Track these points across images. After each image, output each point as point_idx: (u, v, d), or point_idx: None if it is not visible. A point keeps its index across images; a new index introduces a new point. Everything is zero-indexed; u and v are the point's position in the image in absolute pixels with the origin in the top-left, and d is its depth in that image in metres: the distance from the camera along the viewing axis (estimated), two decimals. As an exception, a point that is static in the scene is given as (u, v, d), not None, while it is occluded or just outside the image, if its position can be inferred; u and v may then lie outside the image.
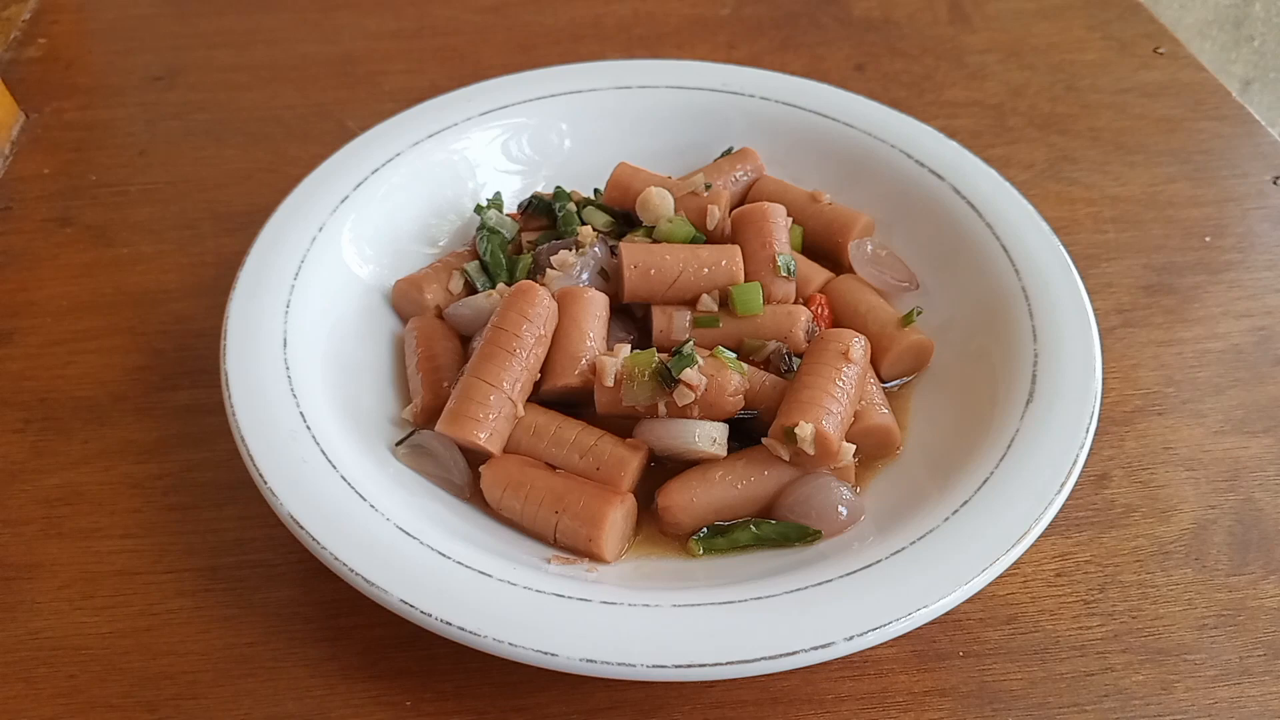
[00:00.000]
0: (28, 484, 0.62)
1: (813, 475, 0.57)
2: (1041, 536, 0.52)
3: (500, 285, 0.66)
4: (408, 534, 0.52)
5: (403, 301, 0.67)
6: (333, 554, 0.50)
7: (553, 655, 0.47)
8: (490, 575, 0.51)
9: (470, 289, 0.67)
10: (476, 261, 0.68)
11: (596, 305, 0.61)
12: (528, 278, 0.65)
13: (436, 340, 0.63)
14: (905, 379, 0.65)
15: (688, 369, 0.56)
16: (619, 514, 0.55)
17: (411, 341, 0.64)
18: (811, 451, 0.55)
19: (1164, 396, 0.67)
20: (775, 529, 0.56)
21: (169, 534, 0.59)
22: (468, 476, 0.58)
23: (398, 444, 0.59)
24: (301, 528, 0.51)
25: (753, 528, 0.56)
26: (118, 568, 0.57)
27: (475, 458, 0.59)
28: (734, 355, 0.59)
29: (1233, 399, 0.67)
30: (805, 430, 0.54)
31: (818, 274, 0.68)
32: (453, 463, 0.58)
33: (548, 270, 0.64)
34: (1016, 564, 0.51)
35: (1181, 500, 0.61)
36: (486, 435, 0.56)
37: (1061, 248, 0.65)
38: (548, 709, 0.52)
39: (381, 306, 0.68)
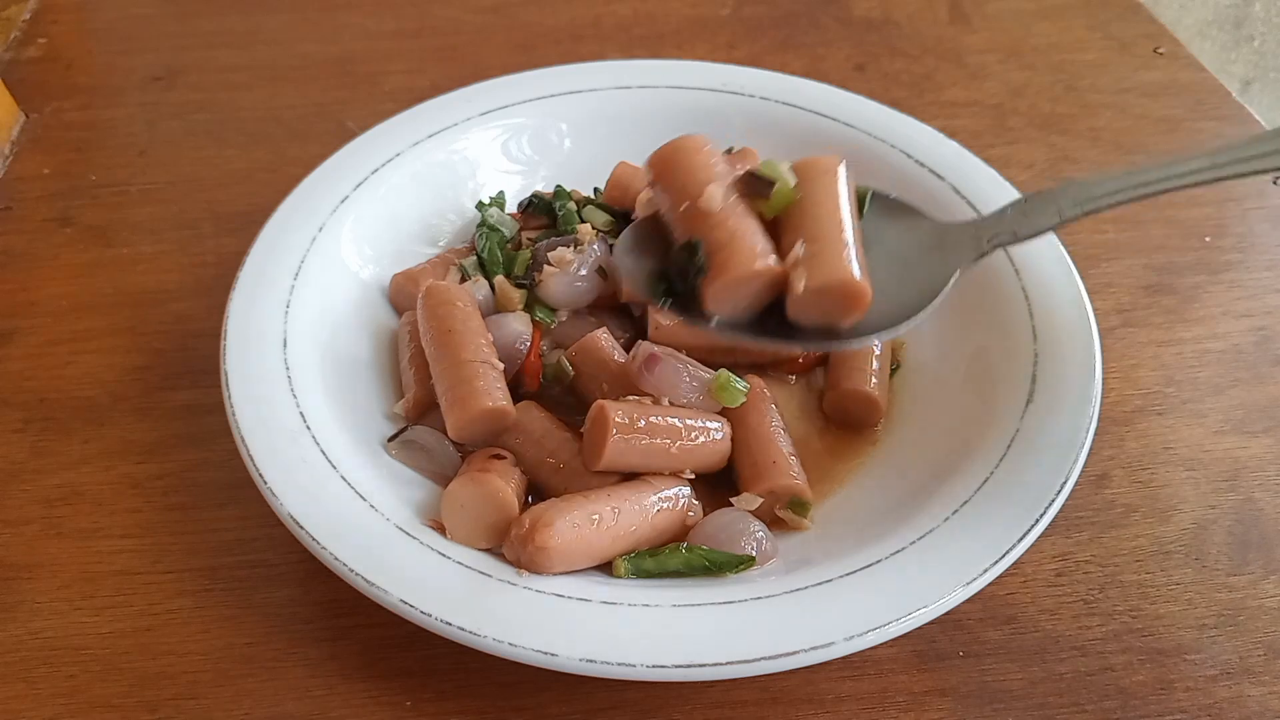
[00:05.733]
0: (28, 484, 0.62)
1: (720, 512, 0.56)
2: (1041, 536, 0.52)
3: (498, 279, 0.66)
4: (408, 534, 0.52)
5: (399, 296, 0.67)
6: (333, 554, 0.50)
7: (553, 655, 0.47)
8: (490, 575, 0.51)
9: (466, 284, 0.68)
10: (474, 257, 0.68)
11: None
12: (526, 273, 0.66)
13: (430, 336, 0.63)
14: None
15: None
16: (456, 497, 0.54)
17: (404, 337, 0.64)
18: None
19: (1164, 396, 0.67)
20: (706, 554, 0.54)
21: (169, 534, 0.59)
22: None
23: (390, 439, 0.59)
24: (301, 528, 0.51)
25: (683, 550, 0.54)
26: (118, 568, 0.57)
27: (468, 450, 0.59)
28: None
29: (1233, 399, 0.66)
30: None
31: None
32: (445, 456, 0.58)
33: (544, 267, 0.64)
34: (1016, 564, 0.51)
35: (1181, 500, 0.61)
36: (494, 401, 0.57)
37: (1062, 248, 0.65)
38: (548, 709, 0.52)
39: (381, 306, 0.68)
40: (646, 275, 0.54)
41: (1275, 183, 0.82)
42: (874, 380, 0.62)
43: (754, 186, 0.52)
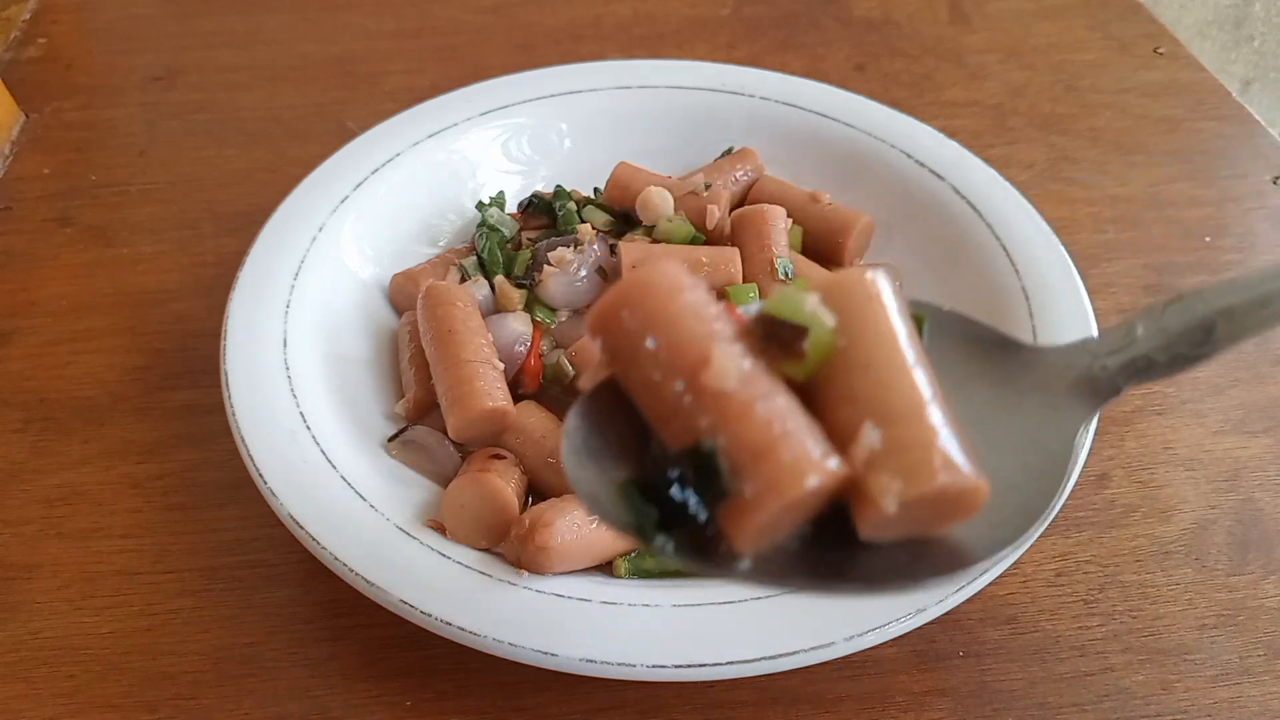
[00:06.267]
0: (28, 484, 0.62)
1: None
2: (1041, 536, 0.52)
3: (498, 279, 0.66)
4: (408, 534, 0.52)
5: (399, 296, 0.67)
6: (333, 554, 0.50)
7: (553, 655, 0.47)
8: (490, 575, 0.51)
9: (467, 285, 0.68)
10: (474, 257, 0.68)
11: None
12: (525, 273, 0.66)
13: (430, 335, 0.63)
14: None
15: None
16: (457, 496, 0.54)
17: (404, 337, 0.64)
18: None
19: (1164, 396, 0.67)
20: None
21: (169, 534, 0.59)
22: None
23: (390, 439, 0.59)
24: (301, 528, 0.51)
25: None
26: (118, 568, 0.57)
27: (468, 450, 0.59)
28: None
29: (1233, 399, 0.66)
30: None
31: (816, 274, 0.68)
32: (445, 456, 0.58)
33: (544, 267, 0.64)
34: (1016, 564, 0.52)
35: (1181, 500, 0.61)
36: (494, 401, 0.57)
37: (1061, 248, 0.65)
38: (548, 709, 0.52)
39: (381, 306, 0.68)
40: (617, 493, 0.35)
41: (1275, 182, 0.83)
42: None
43: (773, 335, 0.34)
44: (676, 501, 0.34)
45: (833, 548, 0.35)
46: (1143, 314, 0.39)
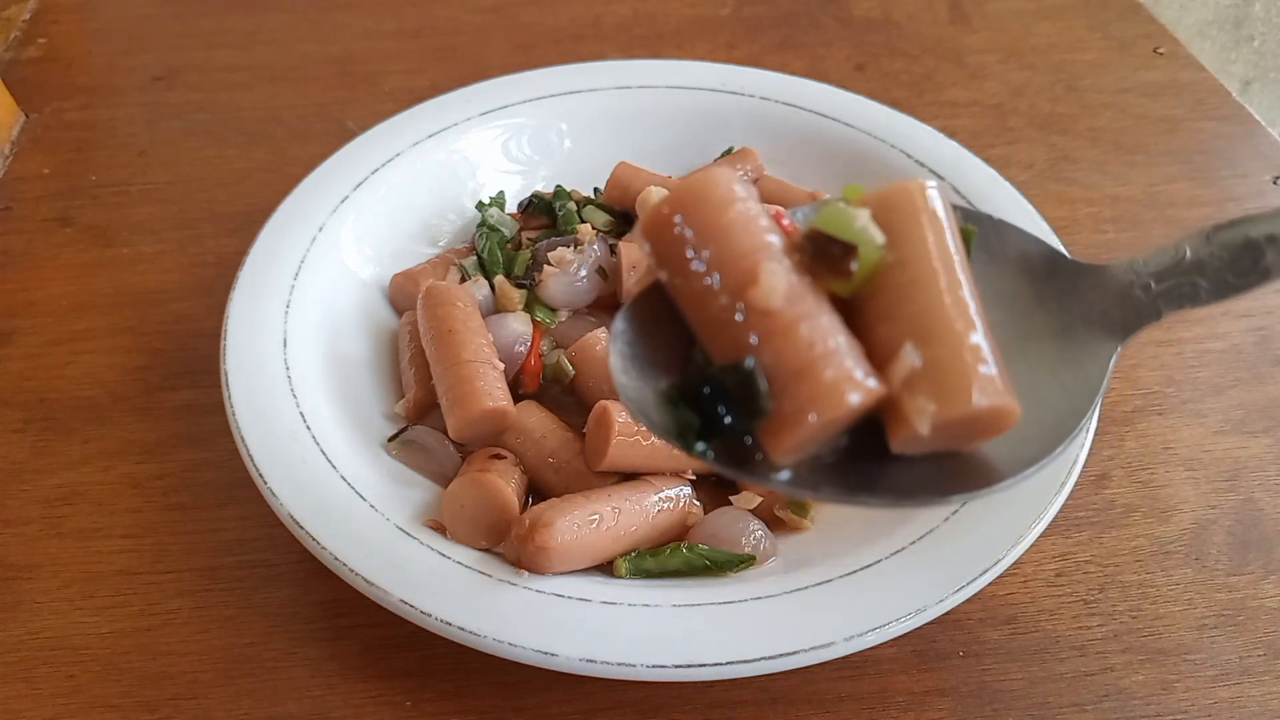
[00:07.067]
0: (28, 484, 0.62)
1: (720, 510, 0.56)
2: (1041, 536, 0.52)
3: (498, 279, 0.66)
4: (408, 534, 0.52)
5: (399, 296, 0.67)
6: (333, 554, 0.50)
7: (553, 655, 0.47)
8: (490, 575, 0.51)
9: (467, 285, 0.68)
10: (474, 257, 0.68)
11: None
12: (525, 273, 0.66)
13: (430, 335, 0.63)
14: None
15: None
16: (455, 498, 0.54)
17: (405, 337, 0.64)
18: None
19: (1164, 396, 0.67)
20: (707, 554, 0.53)
21: (169, 534, 0.59)
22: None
23: (390, 439, 0.59)
24: (301, 528, 0.51)
25: (684, 550, 0.54)
26: (118, 568, 0.57)
27: (468, 450, 0.59)
28: None
29: (1233, 399, 0.66)
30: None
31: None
32: (446, 456, 0.58)
33: (544, 267, 0.64)
34: (1016, 564, 0.51)
35: (1181, 500, 0.61)
36: (494, 401, 0.57)
37: (1061, 246, 0.65)
38: (548, 709, 0.52)
39: (381, 306, 0.68)
40: (661, 400, 0.36)
41: (1276, 182, 0.83)
42: None
43: (822, 253, 0.35)
44: (718, 412, 0.35)
45: (864, 459, 0.36)
46: (1192, 237, 0.39)
